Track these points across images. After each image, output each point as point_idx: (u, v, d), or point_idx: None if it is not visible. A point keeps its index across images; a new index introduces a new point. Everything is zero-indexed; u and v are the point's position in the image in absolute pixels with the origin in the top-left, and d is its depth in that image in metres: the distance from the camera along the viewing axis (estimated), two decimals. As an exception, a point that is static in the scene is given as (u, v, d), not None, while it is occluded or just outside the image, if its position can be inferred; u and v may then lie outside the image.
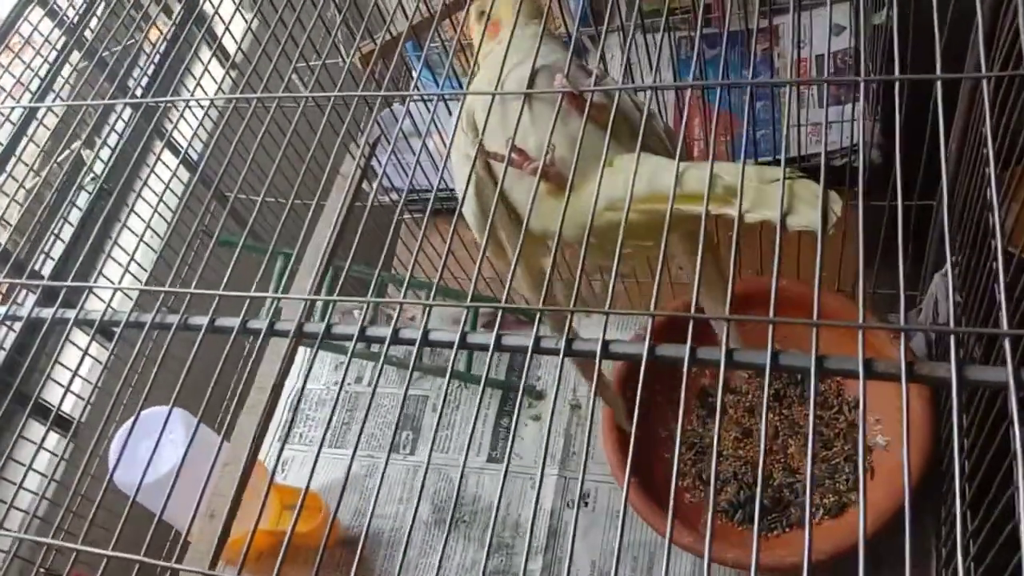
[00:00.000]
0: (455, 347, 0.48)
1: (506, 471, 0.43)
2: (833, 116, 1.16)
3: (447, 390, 0.49)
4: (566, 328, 0.47)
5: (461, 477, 0.43)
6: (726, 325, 0.44)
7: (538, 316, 0.47)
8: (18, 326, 0.62)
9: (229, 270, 0.61)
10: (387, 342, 0.50)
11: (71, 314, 0.60)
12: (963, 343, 0.77)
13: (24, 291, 0.72)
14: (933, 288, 0.77)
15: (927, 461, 0.81)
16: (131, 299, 1.13)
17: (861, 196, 0.48)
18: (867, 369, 0.41)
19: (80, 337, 0.92)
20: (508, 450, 0.43)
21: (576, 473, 0.97)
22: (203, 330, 0.56)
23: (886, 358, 0.44)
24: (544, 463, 0.61)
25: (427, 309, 0.51)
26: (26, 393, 0.93)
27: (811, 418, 0.41)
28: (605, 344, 0.45)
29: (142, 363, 0.73)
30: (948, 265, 0.49)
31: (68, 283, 0.63)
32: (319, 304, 0.97)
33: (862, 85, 0.49)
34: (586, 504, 0.96)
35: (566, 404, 1.02)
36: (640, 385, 0.44)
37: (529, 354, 0.46)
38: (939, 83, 0.49)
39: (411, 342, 0.51)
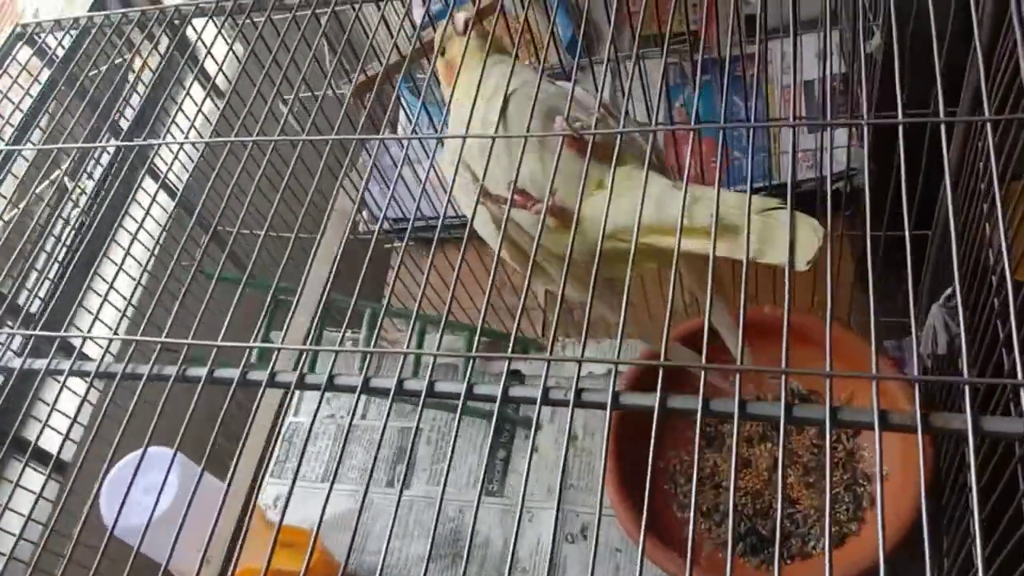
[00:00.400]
0: (462, 398, 0.47)
1: (520, 512, 0.43)
2: (818, 141, 1.17)
3: (458, 428, 0.49)
4: (576, 378, 0.46)
5: (475, 520, 0.42)
6: (738, 376, 0.43)
7: (547, 365, 0.47)
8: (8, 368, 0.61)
9: (229, 314, 0.60)
10: (391, 395, 0.49)
11: (65, 364, 0.59)
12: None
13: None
14: (931, 319, 0.77)
15: (929, 493, 0.81)
16: (122, 338, 1.12)
17: (869, 244, 0.48)
18: (883, 421, 0.41)
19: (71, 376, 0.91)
20: (523, 492, 0.43)
21: (574, 506, 0.96)
22: (202, 381, 0.55)
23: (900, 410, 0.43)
24: (559, 497, 0.60)
25: (432, 359, 0.50)
26: (18, 437, 0.91)
27: (828, 474, 0.41)
28: (616, 395, 0.44)
29: (133, 405, 0.72)
30: (957, 301, 0.49)
31: (61, 334, 0.62)
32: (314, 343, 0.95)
33: (866, 128, 0.49)
34: (584, 537, 0.95)
35: (564, 435, 1.02)
36: (653, 441, 0.44)
37: (538, 406, 0.46)
38: (942, 125, 0.49)
39: (416, 394, 0.50)
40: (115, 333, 0.80)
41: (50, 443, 1.03)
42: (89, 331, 0.75)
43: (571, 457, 1.00)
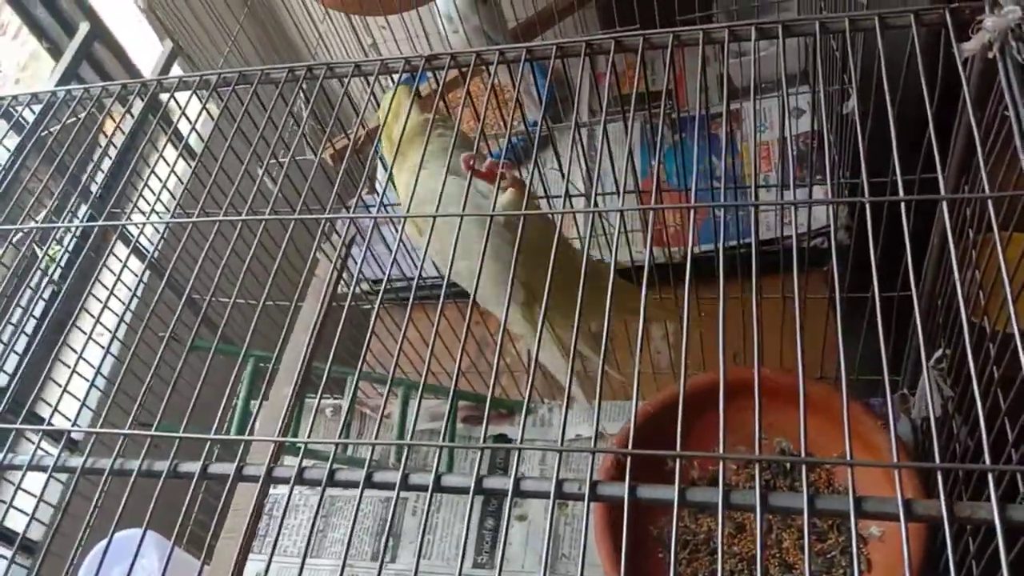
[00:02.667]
0: (471, 492, 0.46)
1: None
2: (799, 197, 1.18)
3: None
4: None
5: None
6: (757, 466, 0.42)
7: (559, 456, 0.45)
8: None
9: (196, 391, 0.57)
10: (396, 489, 0.47)
11: (23, 459, 0.56)
12: (956, 433, 0.77)
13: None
14: (924, 382, 0.77)
15: (926, 555, 0.80)
16: (91, 410, 1.08)
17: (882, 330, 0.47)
18: (908, 512, 0.40)
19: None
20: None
21: (567, 576, 0.93)
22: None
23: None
24: (546, 566, 0.58)
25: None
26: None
27: (855, 554, 0.40)
28: (632, 489, 0.43)
29: (109, 483, 0.69)
30: (974, 387, 0.48)
31: (16, 426, 0.59)
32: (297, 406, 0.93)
33: (867, 205, 0.49)
34: (578, 608, 0.93)
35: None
36: (675, 523, 0.42)
37: (552, 500, 0.44)
38: (944, 203, 0.49)
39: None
40: (84, 405, 0.77)
41: (17, 524, 0.99)
42: (57, 406, 0.73)
43: (562, 525, 0.98)
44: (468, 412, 1.09)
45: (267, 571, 0.71)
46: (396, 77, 0.67)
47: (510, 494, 0.44)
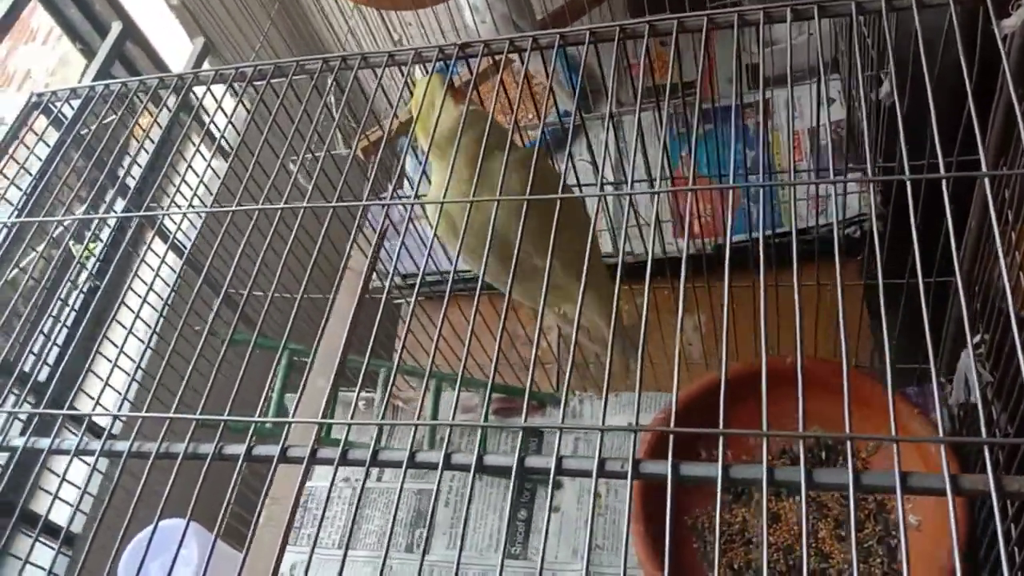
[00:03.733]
0: (513, 473, 0.46)
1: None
2: (829, 188, 1.17)
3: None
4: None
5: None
6: (801, 442, 0.42)
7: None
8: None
9: (238, 382, 0.58)
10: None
11: (70, 442, 0.57)
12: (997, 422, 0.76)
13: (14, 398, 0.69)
14: (961, 367, 0.77)
15: (965, 543, 0.79)
16: (131, 403, 1.10)
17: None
18: (955, 487, 0.39)
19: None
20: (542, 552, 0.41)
21: (601, 568, 0.93)
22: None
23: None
24: (587, 556, 0.58)
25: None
26: (26, 511, 0.88)
27: (853, 534, 0.40)
28: (675, 466, 0.43)
29: (142, 485, 0.70)
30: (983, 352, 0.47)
31: (64, 411, 0.60)
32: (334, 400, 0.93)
33: (908, 183, 0.49)
34: (612, 599, 0.93)
35: (587, 493, 1.00)
36: (719, 500, 0.42)
37: (595, 477, 0.44)
38: (986, 180, 0.48)
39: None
40: (124, 398, 0.78)
41: (60, 516, 1.01)
42: (99, 398, 0.74)
43: (595, 516, 0.98)
44: (499, 404, 1.10)
45: (309, 564, 0.72)
46: (429, 66, 0.67)
47: (552, 472, 0.45)
